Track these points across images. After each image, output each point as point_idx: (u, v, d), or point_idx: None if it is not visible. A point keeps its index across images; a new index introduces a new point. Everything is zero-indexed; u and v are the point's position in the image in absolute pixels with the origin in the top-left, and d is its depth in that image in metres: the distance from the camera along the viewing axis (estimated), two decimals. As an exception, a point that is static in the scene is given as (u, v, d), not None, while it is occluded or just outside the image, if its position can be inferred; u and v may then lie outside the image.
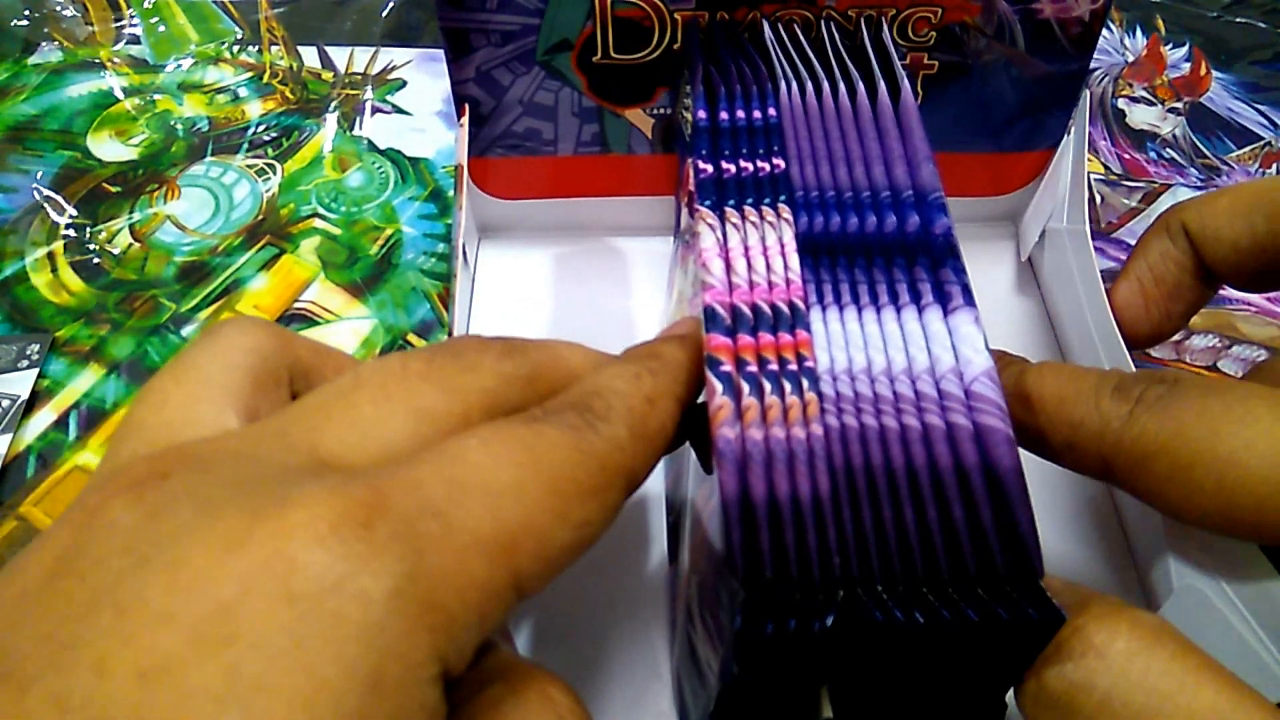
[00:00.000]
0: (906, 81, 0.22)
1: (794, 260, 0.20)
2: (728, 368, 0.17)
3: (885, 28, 0.26)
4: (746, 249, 0.20)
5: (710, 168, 0.21)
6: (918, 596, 0.16)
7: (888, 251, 0.20)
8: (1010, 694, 0.18)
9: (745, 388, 0.17)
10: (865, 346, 0.18)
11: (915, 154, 0.21)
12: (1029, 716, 0.17)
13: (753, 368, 0.18)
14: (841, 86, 0.23)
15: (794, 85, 0.23)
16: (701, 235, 0.20)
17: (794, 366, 0.18)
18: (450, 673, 0.13)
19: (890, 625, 0.16)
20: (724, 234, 0.20)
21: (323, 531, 0.12)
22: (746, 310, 0.19)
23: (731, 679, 0.17)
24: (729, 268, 0.19)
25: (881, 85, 0.23)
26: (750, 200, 0.21)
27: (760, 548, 0.16)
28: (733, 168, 0.21)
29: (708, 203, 0.20)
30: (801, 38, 0.26)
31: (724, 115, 0.23)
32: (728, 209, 0.20)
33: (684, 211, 0.25)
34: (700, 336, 0.19)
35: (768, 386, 0.17)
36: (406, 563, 0.12)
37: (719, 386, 0.17)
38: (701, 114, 0.23)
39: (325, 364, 0.19)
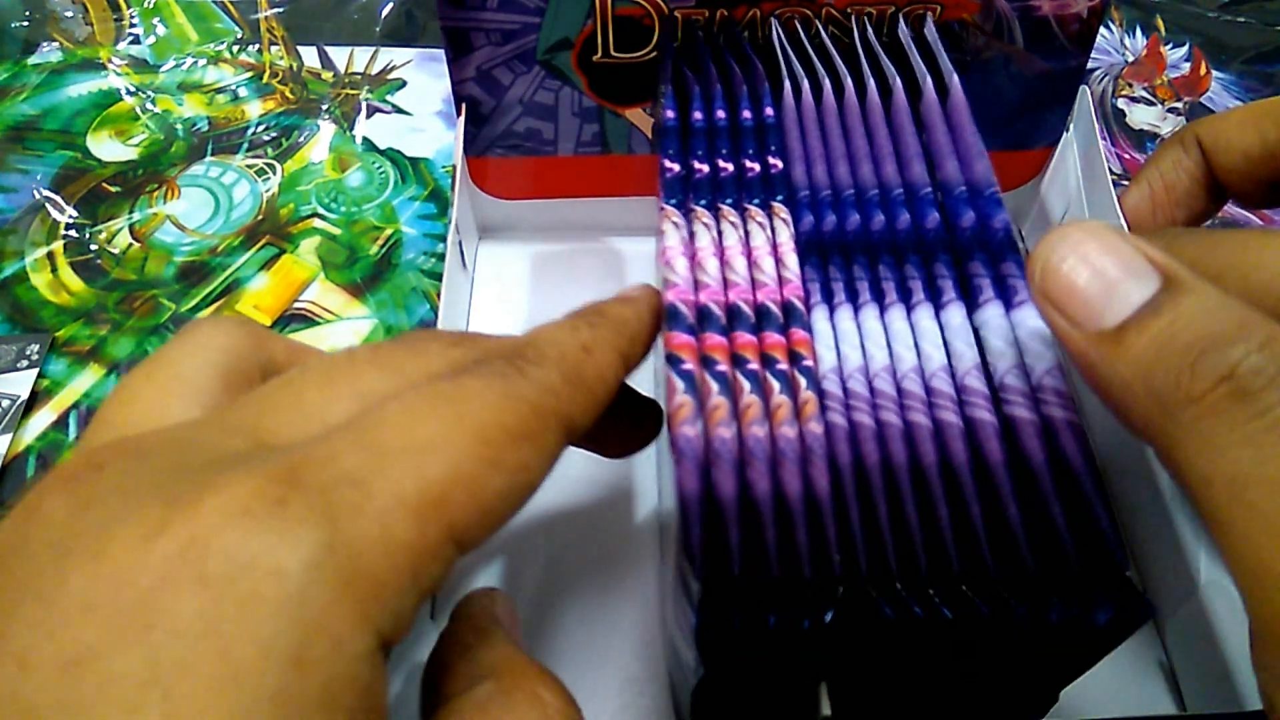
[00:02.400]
0: (956, 77, 0.22)
1: (791, 260, 0.19)
2: (689, 366, 0.17)
3: (929, 23, 0.26)
4: (723, 249, 0.19)
5: (677, 167, 0.21)
6: (953, 593, 0.16)
7: (926, 249, 0.19)
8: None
9: (714, 386, 0.17)
10: (889, 344, 0.18)
11: (967, 150, 0.21)
12: None
13: (723, 366, 0.17)
14: (871, 84, 0.23)
15: (805, 84, 0.23)
16: (665, 234, 0.20)
17: (784, 366, 0.18)
18: (388, 641, 0.13)
19: (907, 622, 0.15)
20: (690, 233, 0.20)
21: (234, 512, 0.12)
22: (717, 309, 0.18)
23: (700, 675, 0.17)
24: (696, 266, 0.19)
25: (928, 81, 0.22)
26: (729, 200, 0.20)
27: (727, 545, 0.16)
28: (706, 167, 0.21)
29: (673, 201, 0.20)
30: (824, 35, 0.26)
31: (698, 115, 0.22)
32: (697, 208, 0.20)
33: None
34: (654, 299, 0.19)
35: (745, 385, 0.17)
36: (323, 532, 0.12)
37: (680, 385, 0.17)
38: (669, 114, 0.22)
39: (299, 363, 0.19)
